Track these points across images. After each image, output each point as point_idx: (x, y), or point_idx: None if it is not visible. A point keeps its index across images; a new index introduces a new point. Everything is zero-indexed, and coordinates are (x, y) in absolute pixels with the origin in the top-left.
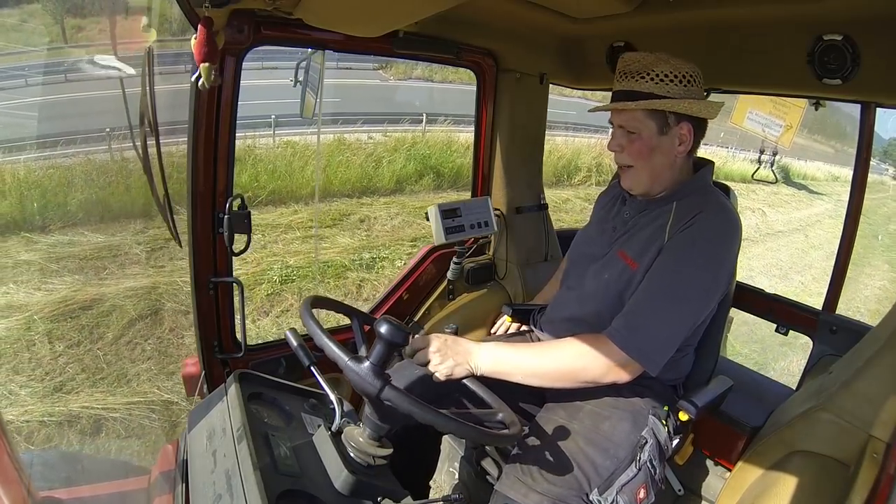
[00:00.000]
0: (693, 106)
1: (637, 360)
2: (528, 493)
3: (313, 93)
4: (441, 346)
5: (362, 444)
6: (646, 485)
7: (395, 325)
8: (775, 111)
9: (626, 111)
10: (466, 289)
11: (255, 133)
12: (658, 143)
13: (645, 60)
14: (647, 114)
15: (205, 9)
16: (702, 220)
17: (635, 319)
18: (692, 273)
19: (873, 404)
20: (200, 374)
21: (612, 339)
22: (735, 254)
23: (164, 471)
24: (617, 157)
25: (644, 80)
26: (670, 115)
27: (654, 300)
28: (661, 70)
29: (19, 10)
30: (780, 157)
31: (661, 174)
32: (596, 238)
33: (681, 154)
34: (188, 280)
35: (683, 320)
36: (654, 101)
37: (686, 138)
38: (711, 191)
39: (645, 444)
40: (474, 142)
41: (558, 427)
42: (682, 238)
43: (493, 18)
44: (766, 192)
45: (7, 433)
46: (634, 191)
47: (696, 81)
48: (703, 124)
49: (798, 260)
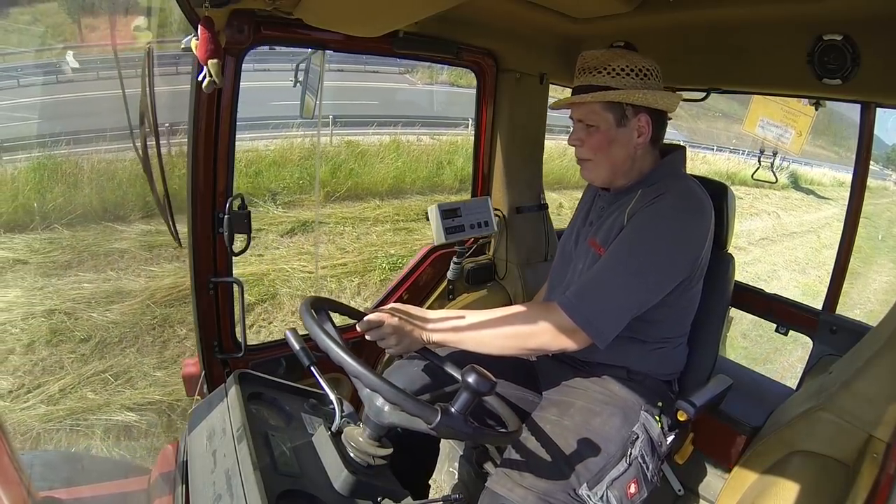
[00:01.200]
0: (648, 96)
1: (583, 329)
2: (514, 488)
3: (312, 93)
4: (396, 328)
5: (362, 444)
6: (637, 480)
7: (482, 375)
8: (786, 119)
9: (584, 105)
10: (466, 289)
11: (314, 133)
12: (616, 136)
13: (603, 57)
14: (605, 106)
15: (205, 9)
16: (662, 201)
17: (585, 289)
18: (646, 249)
19: (873, 404)
20: (200, 375)
21: (562, 306)
22: (700, 239)
23: (165, 471)
24: (577, 151)
25: (601, 74)
26: (628, 107)
27: (605, 272)
28: (617, 64)
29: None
30: (788, 163)
31: (622, 166)
32: (576, 233)
33: (640, 146)
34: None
35: (632, 294)
36: (609, 92)
37: (645, 130)
38: (679, 176)
39: (636, 440)
40: (474, 142)
41: (550, 424)
42: (641, 216)
43: (493, 18)
44: (778, 196)
45: (7, 433)
46: (596, 183)
47: (652, 75)
48: (662, 116)
49: (813, 258)
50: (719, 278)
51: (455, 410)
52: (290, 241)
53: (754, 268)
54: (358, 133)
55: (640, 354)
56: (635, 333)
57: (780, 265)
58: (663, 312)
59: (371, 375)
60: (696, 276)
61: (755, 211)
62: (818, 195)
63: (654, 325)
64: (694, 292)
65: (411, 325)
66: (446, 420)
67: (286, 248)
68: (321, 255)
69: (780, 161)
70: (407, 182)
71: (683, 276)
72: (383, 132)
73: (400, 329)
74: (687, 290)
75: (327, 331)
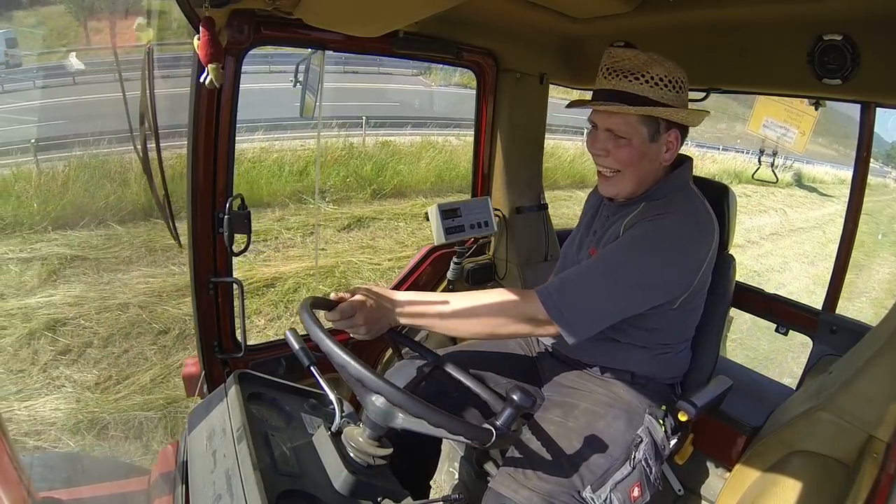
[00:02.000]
0: (689, 116)
1: (556, 322)
2: (519, 490)
3: (312, 94)
4: (367, 317)
5: (362, 444)
6: (640, 483)
7: (527, 393)
8: (789, 119)
9: (619, 114)
10: (466, 289)
11: (348, 133)
12: (647, 150)
13: (638, 60)
14: (641, 119)
15: (205, 9)
16: (664, 219)
17: (566, 284)
18: (636, 261)
19: (873, 404)
20: (200, 375)
21: (539, 295)
22: (697, 262)
23: (164, 471)
24: (601, 161)
25: (638, 81)
26: (662, 122)
27: (590, 272)
28: (656, 73)
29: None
30: (792, 161)
31: (646, 180)
32: (580, 240)
33: (666, 161)
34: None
35: (613, 301)
36: (653, 108)
37: (673, 146)
38: (685, 192)
39: (640, 443)
40: (474, 142)
41: (554, 425)
42: (640, 228)
43: (493, 18)
44: (783, 193)
45: (7, 433)
46: (619, 197)
47: (685, 88)
48: (686, 131)
49: (820, 251)
50: (720, 279)
51: (502, 426)
52: (348, 235)
53: (767, 260)
54: (391, 134)
55: (643, 359)
56: (633, 339)
57: (790, 258)
58: (659, 321)
59: (410, 400)
60: (694, 293)
61: (763, 208)
62: (821, 192)
63: (654, 332)
64: (693, 306)
65: (380, 309)
66: (500, 439)
67: (346, 242)
68: (382, 249)
69: (784, 160)
70: (446, 180)
71: (671, 296)
72: (415, 133)
73: (369, 316)
74: (684, 305)
75: (338, 342)
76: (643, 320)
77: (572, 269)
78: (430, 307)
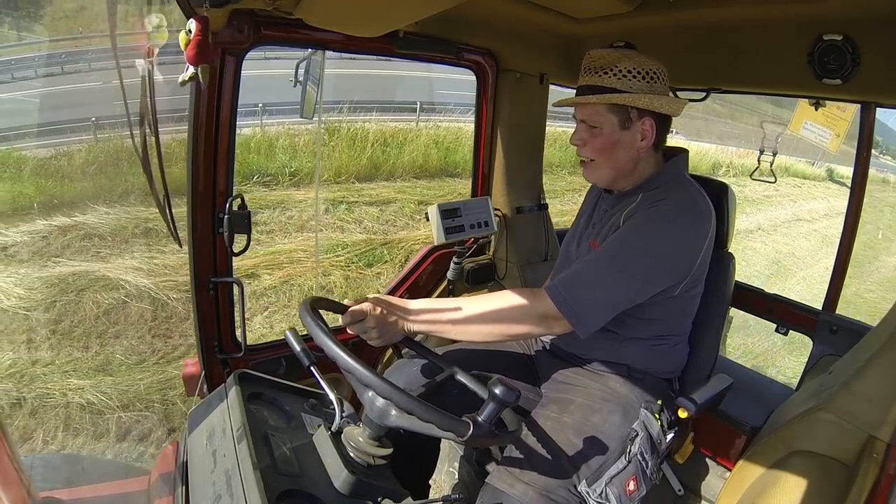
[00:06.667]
0: (654, 101)
1: (567, 318)
2: (515, 484)
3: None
4: (377, 321)
5: (362, 444)
6: (636, 477)
7: (508, 387)
8: (827, 122)
9: (588, 105)
10: (466, 289)
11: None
12: (619, 138)
13: (610, 56)
14: (609, 108)
15: (204, 9)
16: (662, 206)
17: (573, 278)
18: (638, 249)
19: (873, 404)
20: (200, 375)
21: (549, 292)
22: (696, 247)
23: (164, 472)
24: (579, 151)
25: (607, 75)
26: (632, 110)
27: (596, 264)
28: (624, 66)
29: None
30: (825, 163)
31: (624, 168)
32: (579, 234)
33: (643, 149)
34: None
35: (619, 289)
36: (615, 95)
37: (648, 133)
38: (681, 181)
39: (636, 437)
40: (474, 142)
41: (550, 421)
42: (639, 217)
43: (493, 18)
44: (822, 186)
45: (7, 434)
46: (598, 184)
47: (659, 78)
48: (666, 120)
49: (860, 227)
50: (719, 278)
51: (483, 421)
52: (378, 211)
53: (829, 231)
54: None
55: (638, 351)
56: (631, 331)
57: (814, 241)
58: (658, 312)
59: (392, 388)
60: (692, 281)
61: (812, 196)
62: (848, 186)
63: (650, 323)
64: (691, 296)
65: (393, 317)
66: (477, 432)
67: (380, 222)
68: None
69: (817, 161)
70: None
71: (674, 280)
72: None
73: (382, 321)
74: (683, 293)
75: (336, 340)
76: (644, 311)
77: (578, 265)
78: (444, 314)
